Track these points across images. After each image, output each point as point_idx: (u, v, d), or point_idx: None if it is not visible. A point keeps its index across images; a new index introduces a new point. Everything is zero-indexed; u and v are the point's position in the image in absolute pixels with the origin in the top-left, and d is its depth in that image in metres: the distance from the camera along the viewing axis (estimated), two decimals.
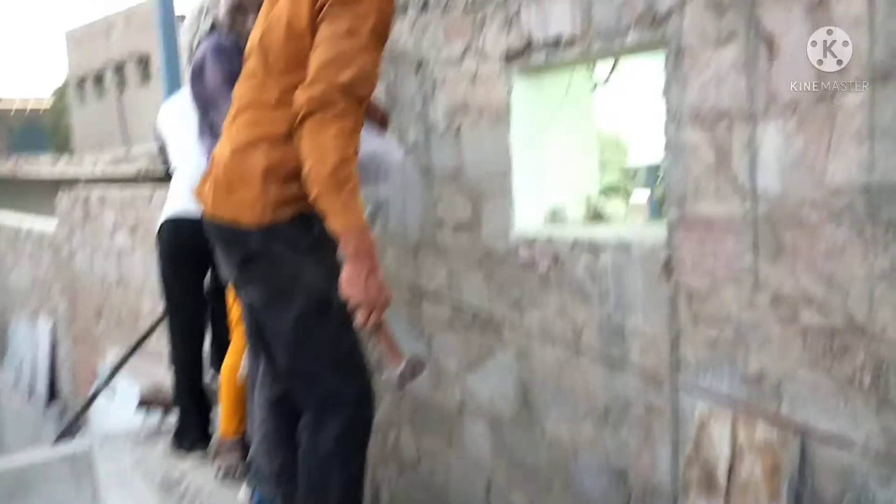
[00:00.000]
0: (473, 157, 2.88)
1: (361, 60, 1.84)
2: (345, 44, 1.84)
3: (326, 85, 1.81)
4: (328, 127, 1.81)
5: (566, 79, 2.81)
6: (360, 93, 1.86)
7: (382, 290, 1.89)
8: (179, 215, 3.17)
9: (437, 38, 2.97)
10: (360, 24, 1.84)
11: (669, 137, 2.14)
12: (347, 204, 1.83)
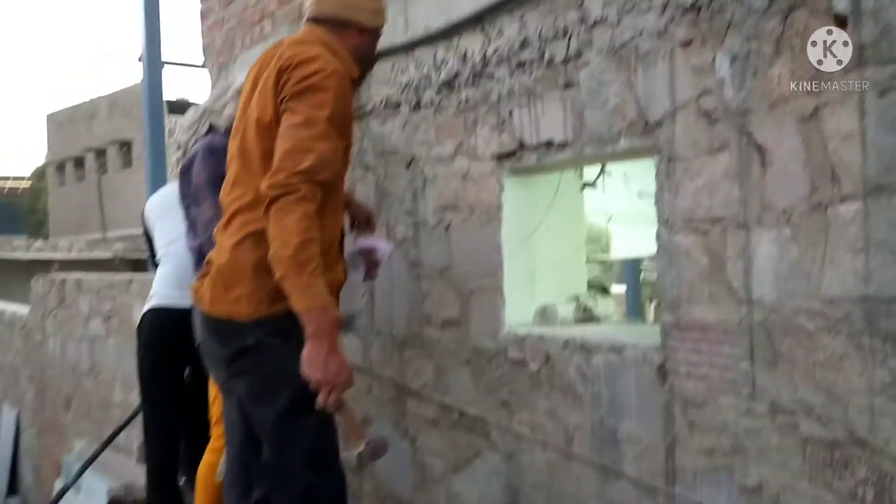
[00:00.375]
0: (463, 253, 2.88)
1: (320, 147, 1.94)
2: (303, 133, 1.95)
3: (287, 172, 1.91)
4: (291, 211, 1.89)
5: (556, 179, 2.85)
6: (320, 178, 1.94)
7: (343, 369, 1.92)
8: (163, 306, 3.12)
9: (429, 137, 3.01)
10: (317, 114, 1.96)
11: (662, 242, 2.15)
12: (309, 284, 1.89)
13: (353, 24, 2.18)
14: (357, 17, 2.18)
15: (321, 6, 2.18)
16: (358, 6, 2.18)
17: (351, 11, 2.17)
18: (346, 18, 2.17)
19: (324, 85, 1.98)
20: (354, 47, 2.19)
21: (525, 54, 2.54)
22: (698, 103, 2.01)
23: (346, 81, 2.06)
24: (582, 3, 2.32)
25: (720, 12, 1.94)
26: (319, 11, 2.18)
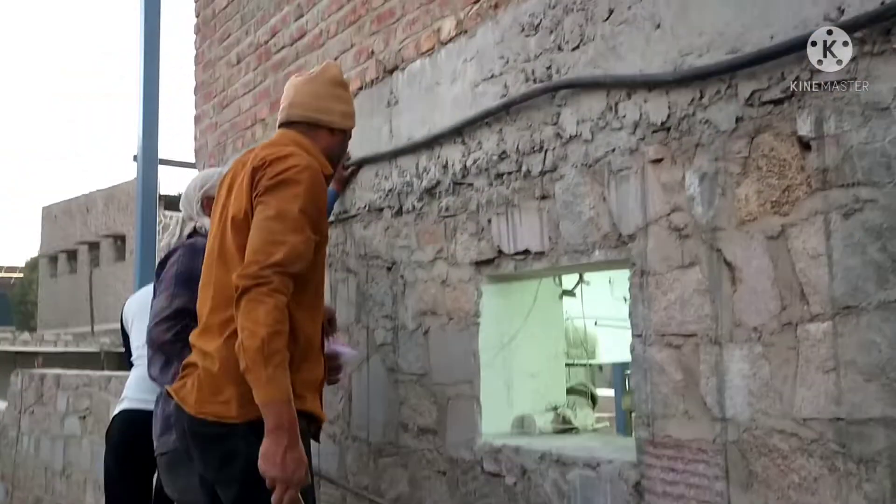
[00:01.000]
0: (441, 360, 2.85)
1: (292, 240, 1.95)
2: (274, 226, 1.96)
3: (259, 265, 1.91)
4: (261, 302, 1.88)
5: (534, 287, 2.85)
6: (292, 270, 1.94)
7: (300, 466, 1.87)
8: (134, 409, 3.06)
9: (410, 242, 3.03)
10: (290, 207, 1.98)
11: (636, 355, 2.13)
12: (272, 377, 1.87)
13: (323, 124, 2.24)
14: (327, 119, 2.24)
15: (293, 110, 2.24)
16: (328, 109, 2.25)
17: (321, 113, 2.24)
18: (317, 120, 2.23)
19: (296, 179, 2.01)
20: (325, 147, 2.24)
21: (503, 166, 2.59)
22: (669, 219, 2.04)
23: (318, 177, 2.09)
24: (557, 120, 2.38)
25: (689, 133, 2.00)
26: (291, 115, 2.24)
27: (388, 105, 3.15)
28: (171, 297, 2.53)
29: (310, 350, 2.10)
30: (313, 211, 2.04)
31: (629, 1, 2.15)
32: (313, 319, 2.14)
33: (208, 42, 4.74)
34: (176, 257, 2.69)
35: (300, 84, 2.27)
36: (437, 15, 2.89)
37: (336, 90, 2.28)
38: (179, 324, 2.45)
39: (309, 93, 2.24)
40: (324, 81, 2.27)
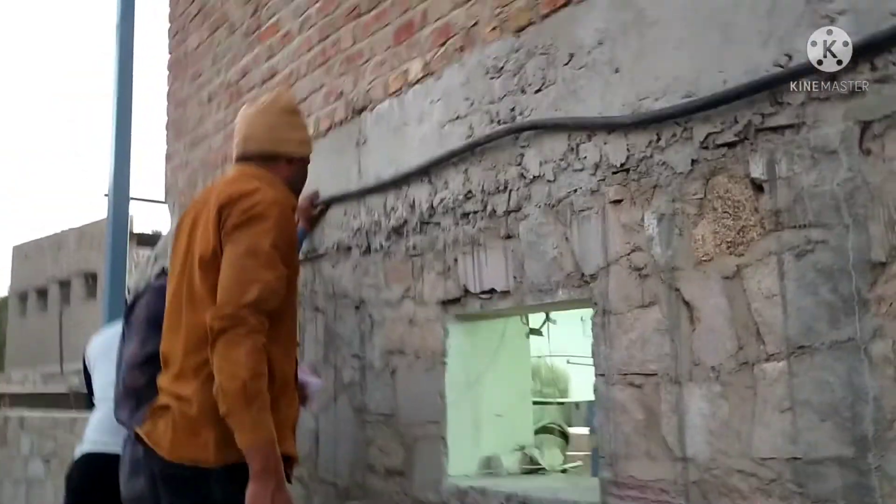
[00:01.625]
0: (408, 399, 2.83)
1: (265, 277, 1.93)
2: (247, 263, 1.93)
3: (234, 305, 1.88)
4: (239, 344, 1.85)
5: (501, 326, 2.86)
6: (266, 308, 1.92)
7: None
8: (95, 452, 3.00)
9: (378, 281, 3.03)
10: (260, 243, 1.95)
11: (599, 394, 2.14)
12: (256, 420, 1.84)
13: (281, 155, 2.21)
14: (285, 149, 2.22)
15: (249, 144, 2.21)
16: (284, 139, 2.22)
17: (278, 144, 2.21)
18: (274, 151, 2.20)
19: (265, 214, 1.99)
20: (287, 177, 2.21)
21: (469, 205, 2.61)
22: (629, 259, 2.06)
23: (287, 210, 2.07)
24: (521, 161, 2.41)
25: (647, 174, 2.03)
26: (248, 149, 2.20)
27: (356, 145, 3.17)
28: (143, 342, 2.50)
29: (286, 387, 2.06)
30: (284, 245, 2.02)
31: (588, 46, 2.20)
32: (288, 355, 2.10)
33: (180, 81, 4.76)
34: (145, 301, 2.67)
35: (253, 115, 2.23)
36: (404, 57, 2.93)
37: (290, 118, 2.25)
38: (152, 369, 2.42)
39: (263, 124, 2.20)
40: (277, 111, 2.23)
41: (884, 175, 1.57)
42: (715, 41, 1.89)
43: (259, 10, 3.89)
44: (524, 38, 2.41)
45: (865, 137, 1.61)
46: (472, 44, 2.62)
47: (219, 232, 2.02)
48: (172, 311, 2.16)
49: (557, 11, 2.30)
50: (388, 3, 3.01)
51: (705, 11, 1.91)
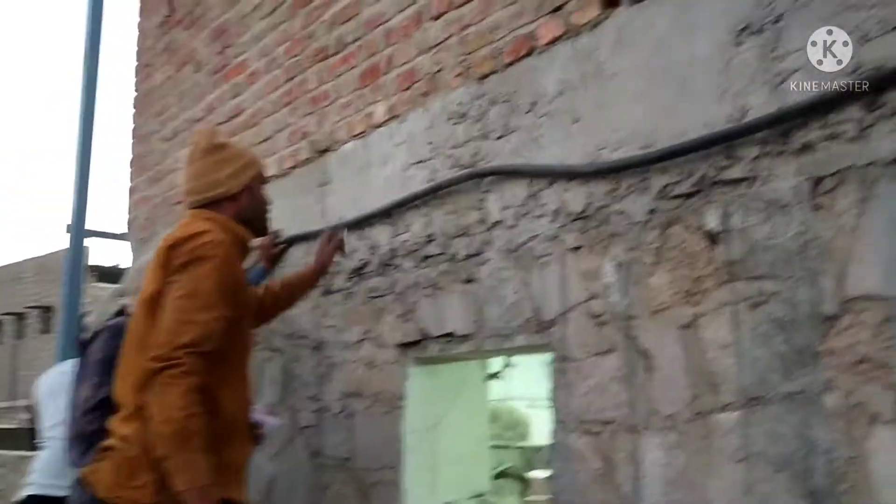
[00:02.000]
0: (365, 443, 2.79)
1: (202, 318, 1.91)
2: (186, 305, 1.92)
3: (169, 346, 1.86)
4: (174, 386, 1.83)
5: (461, 370, 2.84)
6: (203, 350, 1.89)
7: None
8: (43, 493, 2.90)
9: (338, 322, 3.00)
10: (200, 284, 1.93)
11: (557, 442, 2.13)
12: (192, 462, 1.82)
13: (219, 198, 2.16)
14: (219, 191, 2.15)
15: (191, 198, 2.19)
16: (215, 182, 2.15)
17: (211, 190, 2.15)
18: (211, 197, 2.15)
19: (208, 255, 1.97)
20: (236, 213, 2.17)
21: (430, 248, 2.61)
22: (588, 306, 2.07)
23: (232, 251, 2.04)
24: (482, 206, 2.42)
25: (606, 222, 2.05)
26: (192, 203, 2.19)
27: (319, 185, 3.16)
28: (96, 386, 2.42)
29: (233, 431, 2.03)
30: (227, 286, 1.99)
31: (550, 95, 2.23)
32: (237, 396, 2.07)
33: (145, 116, 4.73)
34: (101, 340, 2.58)
35: (186, 167, 2.23)
36: (369, 99, 2.95)
37: (214, 157, 2.18)
38: (105, 414, 2.35)
39: (194, 175, 2.17)
40: (200, 155, 2.19)
41: (834, 230, 1.60)
42: (672, 95, 1.93)
43: (226, 49, 3.90)
44: (487, 86, 2.44)
45: (817, 192, 1.64)
46: (436, 89, 2.65)
47: (165, 273, 2.01)
48: (125, 353, 2.13)
49: (520, 61, 2.33)
50: (354, 47, 3.03)
51: (662, 66, 1.95)
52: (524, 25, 2.33)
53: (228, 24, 3.90)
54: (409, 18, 2.77)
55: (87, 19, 6.46)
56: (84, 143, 6.38)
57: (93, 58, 6.43)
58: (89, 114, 6.42)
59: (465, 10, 2.54)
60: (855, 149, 1.59)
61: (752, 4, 1.78)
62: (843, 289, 1.58)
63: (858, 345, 1.55)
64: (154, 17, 4.75)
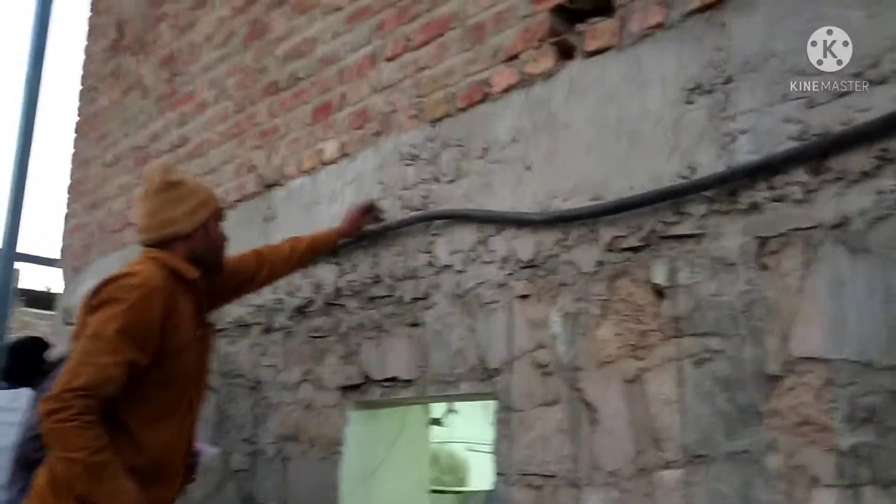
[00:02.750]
0: (300, 490, 2.70)
1: (102, 362, 1.87)
2: (88, 346, 1.89)
3: (61, 388, 1.83)
4: (66, 430, 1.80)
5: (402, 415, 2.78)
6: (99, 394, 1.85)
7: None
8: None
9: (277, 362, 2.92)
10: (105, 327, 1.89)
11: (499, 494, 2.08)
12: (115, 488, 1.81)
13: (172, 237, 2.11)
14: (172, 230, 2.11)
15: (143, 235, 2.14)
16: (169, 220, 2.11)
17: (164, 229, 2.10)
18: (164, 237, 2.10)
19: (120, 298, 1.92)
20: (188, 251, 2.11)
21: (376, 290, 2.56)
22: (533, 356, 2.05)
23: (155, 294, 1.96)
24: (431, 250, 2.40)
25: (554, 272, 2.04)
26: (145, 240, 2.14)
27: (265, 220, 3.10)
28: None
29: (160, 469, 1.98)
30: (137, 330, 1.93)
31: (503, 142, 2.23)
32: (161, 435, 2.01)
33: (86, 140, 4.60)
34: (55, 372, 2.47)
35: (139, 205, 2.20)
36: (320, 136, 2.91)
37: (167, 195, 2.13)
38: None
39: (147, 213, 2.13)
40: (153, 193, 2.14)
41: (779, 290, 1.62)
42: (623, 148, 1.94)
43: (175, 77, 3.83)
44: (440, 129, 2.43)
45: (763, 252, 1.66)
46: (388, 129, 2.63)
47: (84, 313, 1.99)
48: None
49: (474, 106, 2.33)
50: (307, 83, 3.00)
51: (614, 119, 1.97)
52: (479, 72, 2.34)
53: (178, 53, 3.83)
54: (364, 58, 2.76)
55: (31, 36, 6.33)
56: (20, 164, 6.21)
57: (34, 77, 6.29)
58: (27, 134, 6.26)
59: (421, 53, 2.54)
60: (800, 211, 1.61)
61: (703, 64, 1.82)
62: (786, 349, 1.59)
63: (801, 406, 1.56)
64: (102, 40, 4.65)
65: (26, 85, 6.24)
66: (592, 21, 2.07)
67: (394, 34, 2.65)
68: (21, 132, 6.22)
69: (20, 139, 6.22)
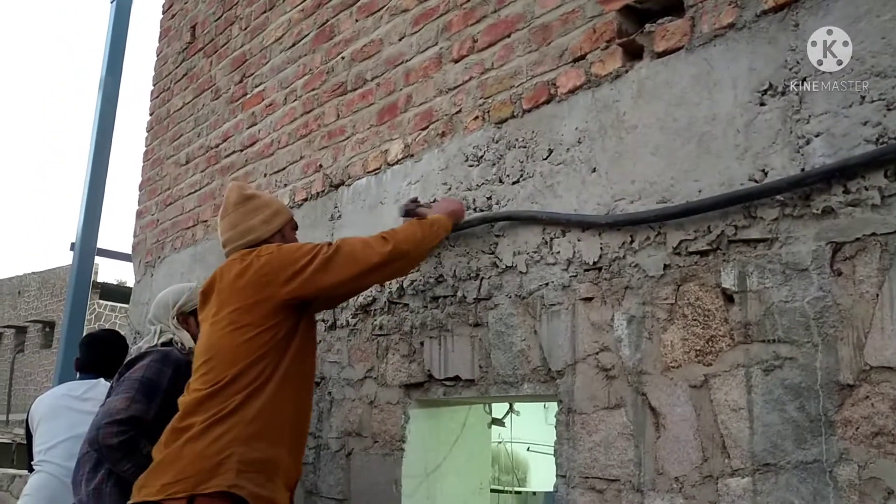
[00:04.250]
0: (362, 485, 2.74)
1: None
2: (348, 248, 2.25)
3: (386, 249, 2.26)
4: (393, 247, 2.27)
5: (464, 414, 2.80)
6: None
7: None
8: None
9: (342, 358, 2.97)
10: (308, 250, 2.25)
11: (560, 496, 2.08)
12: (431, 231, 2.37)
13: (256, 242, 2.33)
14: (255, 236, 2.34)
15: (229, 246, 2.36)
16: (249, 229, 2.36)
17: (247, 236, 2.34)
18: (249, 242, 2.33)
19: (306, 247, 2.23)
20: None
21: (439, 290, 2.59)
22: (597, 358, 2.04)
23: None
24: (494, 250, 2.40)
25: (619, 274, 2.03)
26: (231, 250, 2.35)
27: (331, 218, 3.15)
28: (130, 401, 2.39)
29: (301, 436, 2.21)
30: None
31: (568, 143, 2.22)
32: (306, 402, 2.23)
33: (159, 140, 4.74)
34: (147, 361, 2.54)
35: (221, 222, 2.39)
36: (385, 137, 2.95)
37: (244, 208, 2.39)
38: (130, 431, 2.33)
39: (229, 226, 2.36)
40: (231, 209, 2.38)
41: (854, 297, 1.58)
42: (692, 151, 1.91)
43: (245, 79, 3.92)
44: (505, 130, 2.44)
45: (837, 258, 1.62)
46: (453, 130, 2.64)
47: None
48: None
49: (539, 107, 2.33)
50: (373, 84, 3.04)
51: (684, 121, 1.94)
52: (544, 73, 2.33)
53: (249, 55, 3.93)
54: (430, 59, 2.78)
55: (107, 37, 6.56)
56: (98, 159, 6.44)
57: (112, 75, 6.50)
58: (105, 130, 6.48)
59: (486, 54, 2.55)
60: (877, 216, 1.57)
61: (776, 66, 1.78)
62: (861, 358, 1.55)
63: (875, 416, 1.51)
64: (176, 42, 4.79)
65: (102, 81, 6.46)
66: (661, 21, 2.04)
67: (460, 35, 2.67)
68: (96, 129, 6.44)
69: (96, 136, 6.45)
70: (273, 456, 2.03)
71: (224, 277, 2.24)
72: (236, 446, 1.96)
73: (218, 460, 1.94)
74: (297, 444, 2.17)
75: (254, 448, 1.99)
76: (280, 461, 2.05)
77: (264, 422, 2.02)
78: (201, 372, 2.11)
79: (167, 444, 2.03)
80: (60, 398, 2.98)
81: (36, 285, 21.54)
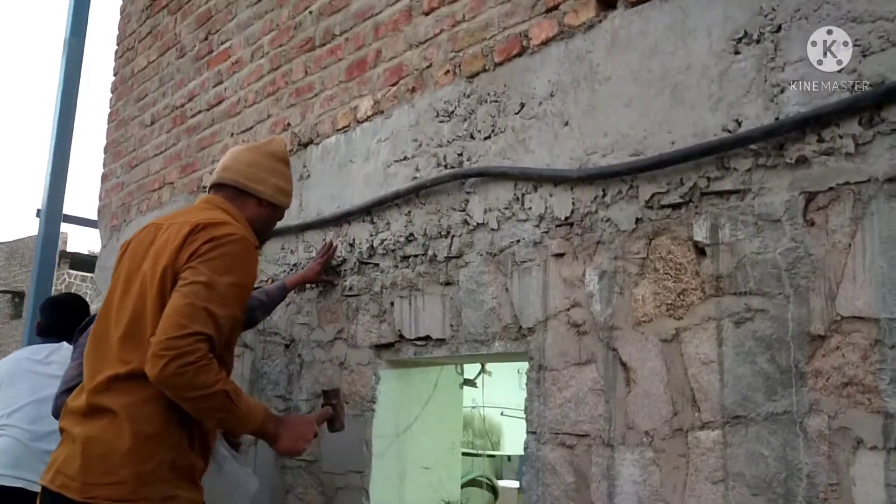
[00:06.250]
0: (332, 446, 2.71)
1: (217, 312, 1.86)
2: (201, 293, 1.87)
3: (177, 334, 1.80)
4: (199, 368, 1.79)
5: (435, 375, 2.78)
6: (215, 342, 1.83)
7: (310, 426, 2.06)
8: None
9: (311, 320, 2.92)
10: (220, 279, 1.91)
11: (530, 453, 2.07)
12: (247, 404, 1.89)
13: (252, 193, 2.16)
14: (257, 188, 2.16)
15: (225, 174, 2.16)
16: (260, 178, 2.17)
17: (252, 181, 2.16)
18: (246, 187, 2.15)
19: (231, 251, 1.90)
20: (251, 216, 2.14)
21: (410, 248, 2.54)
22: (569, 314, 2.01)
23: (251, 248, 1.98)
24: (465, 207, 2.36)
25: (591, 230, 1.99)
26: (222, 178, 2.16)
27: (300, 178, 3.08)
28: (81, 366, 2.33)
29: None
30: (243, 286, 1.92)
31: (540, 97, 2.18)
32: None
33: (124, 101, 4.62)
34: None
35: (240, 151, 2.24)
36: (354, 93, 2.88)
37: (275, 163, 2.24)
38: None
39: (245, 160, 2.19)
40: (264, 153, 2.23)
41: (826, 247, 1.56)
42: (665, 101, 1.87)
43: (210, 36, 3.81)
44: (476, 84, 2.38)
45: (810, 208, 1.59)
46: (423, 86, 2.58)
47: (177, 257, 1.90)
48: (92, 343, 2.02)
49: (511, 60, 2.28)
50: (342, 39, 2.96)
51: (657, 72, 1.90)
52: (516, 24, 2.28)
53: (214, 10, 3.82)
54: (400, 12, 2.71)
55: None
56: (63, 121, 6.26)
57: (77, 36, 6.31)
58: (71, 92, 6.30)
59: (457, 6, 2.48)
60: (851, 165, 1.54)
61: (751, 13, 1.74)
62: (832, 308, 1.54)
63: (846, 367, 1.50)
64: (139, 0, 4.64)
65: (67, 44, 6.27)
66: None
67: None
68: (61, 91, 6.27)
69: (61, 98, 6.27)
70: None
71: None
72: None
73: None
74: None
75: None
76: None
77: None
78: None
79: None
80: (21, 362, 2.91)
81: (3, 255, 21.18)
